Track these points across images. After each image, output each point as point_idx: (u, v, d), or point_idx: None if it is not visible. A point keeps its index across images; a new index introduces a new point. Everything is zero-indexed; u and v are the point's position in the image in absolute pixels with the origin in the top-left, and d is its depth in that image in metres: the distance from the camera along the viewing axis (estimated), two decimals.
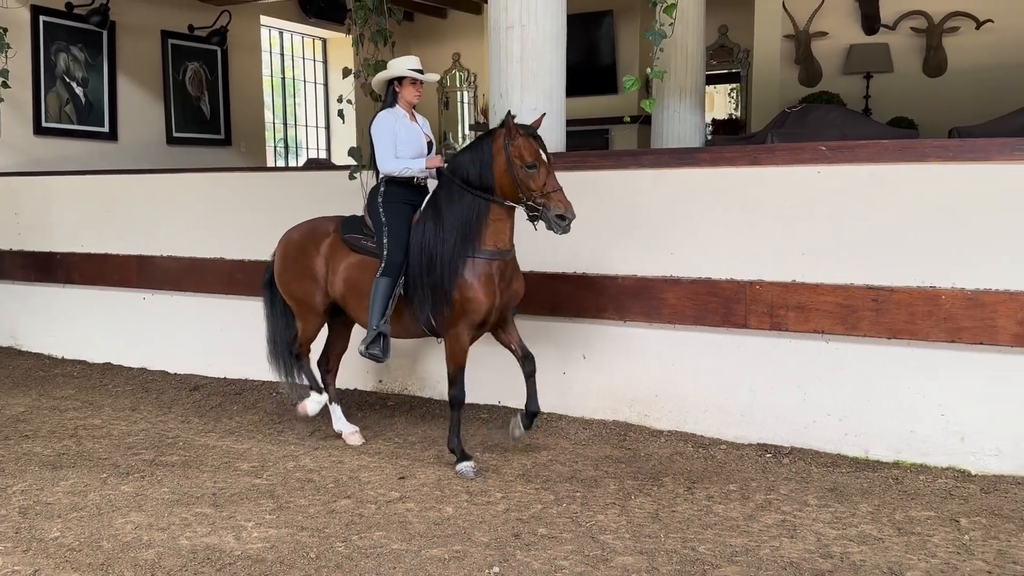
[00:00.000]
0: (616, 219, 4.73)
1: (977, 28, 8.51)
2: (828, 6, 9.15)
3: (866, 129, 6.67)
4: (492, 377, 5.01)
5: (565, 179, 3.99)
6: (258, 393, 5.71)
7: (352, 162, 5.19)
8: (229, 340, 6.10)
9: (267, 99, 11.46)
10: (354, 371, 5.54)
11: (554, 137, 5.01)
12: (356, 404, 5.35)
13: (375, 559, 3.22)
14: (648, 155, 4.82)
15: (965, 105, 8.16)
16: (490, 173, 3.99)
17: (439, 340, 4.26)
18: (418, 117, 4.43)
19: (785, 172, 4.33)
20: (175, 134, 9.46)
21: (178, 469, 4.27)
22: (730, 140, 8.61)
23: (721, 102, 11.99)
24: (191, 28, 9.64)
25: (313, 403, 4.62)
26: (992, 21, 8.42)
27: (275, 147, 12.04)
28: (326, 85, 12.60)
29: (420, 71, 4.34)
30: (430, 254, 4.06)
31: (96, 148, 8.53)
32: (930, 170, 3.98)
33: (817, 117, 6.86)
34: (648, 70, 4.31)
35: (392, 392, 5.59)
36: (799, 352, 4.33)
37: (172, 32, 9.41)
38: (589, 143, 10.23)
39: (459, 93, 13.79)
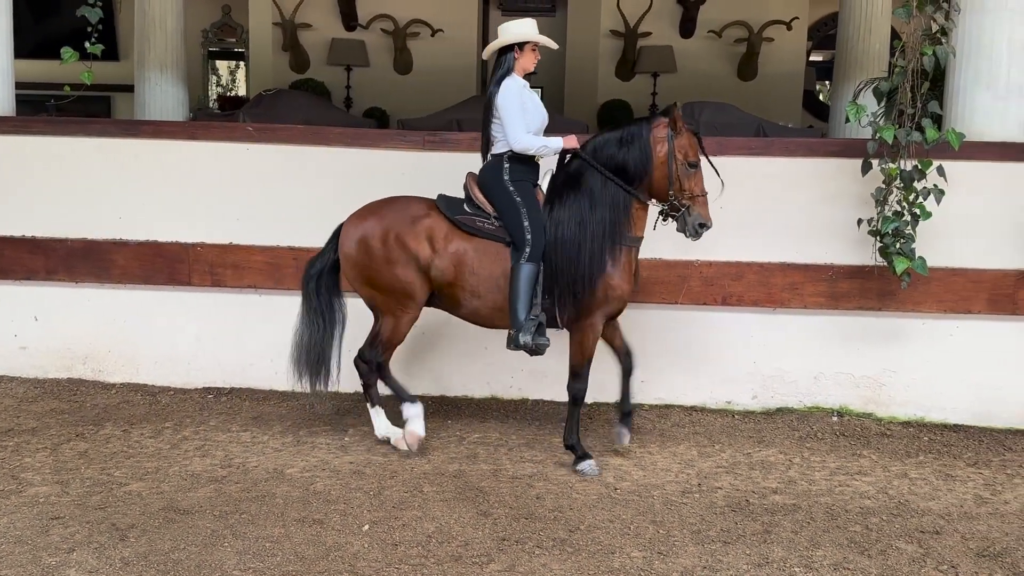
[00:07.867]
0: (72, 186, 4.94)
1: (433, 35, 10.02)
2: (312, 1, 9.94)
3: (332, 115, 7.58)
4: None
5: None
6: None
7: None
8: None
9: None
10: None
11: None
12: None
13: None
14: (95, 124, 5.09)
15: (428, 99, 9.47)
16: (648, 164, 3.82)
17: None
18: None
19: (220, 147, 4.93)
20: None
21: None
22: (215, 116, 9.02)
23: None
24: None
25: (415, 418, 4.09)
26: (443, 31, 9.98)
27: None
28: None
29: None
30: (576, 242, 3.81)
31: None
32: (333, 152, 4.88)
33: (286, 102, 7.60)
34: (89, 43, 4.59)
35: None
36: (237, 305, 4.98)
37: None
38: (88, 108, 9.86)
39: None
